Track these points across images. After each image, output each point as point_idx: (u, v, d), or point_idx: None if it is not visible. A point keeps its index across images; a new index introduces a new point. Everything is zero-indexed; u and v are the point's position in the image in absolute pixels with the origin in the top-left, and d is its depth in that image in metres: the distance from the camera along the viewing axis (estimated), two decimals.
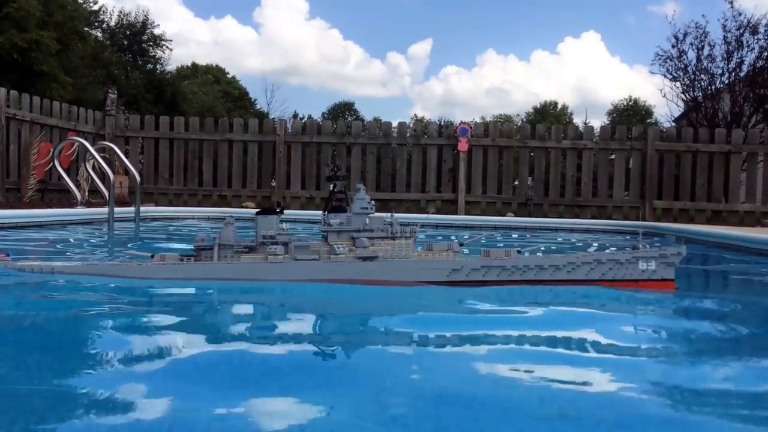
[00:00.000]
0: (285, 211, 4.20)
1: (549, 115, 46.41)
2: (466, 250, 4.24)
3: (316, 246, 3.94)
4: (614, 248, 6.90)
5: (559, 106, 51.28)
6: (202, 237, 4.02)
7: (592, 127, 14.08)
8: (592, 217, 12.88)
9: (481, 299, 3.75)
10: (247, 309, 3.58)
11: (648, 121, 39.08)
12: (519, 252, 4.03)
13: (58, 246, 6.49)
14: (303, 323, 3.24)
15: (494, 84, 75.53)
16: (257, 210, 4.07)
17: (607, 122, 41.10)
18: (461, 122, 13.92)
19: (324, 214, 4.01)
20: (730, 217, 12.75)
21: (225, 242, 3.94)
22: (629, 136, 13.35)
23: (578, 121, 45.94)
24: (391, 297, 3.81)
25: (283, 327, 3.17)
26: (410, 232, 4.00)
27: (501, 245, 5.55)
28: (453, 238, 5.36)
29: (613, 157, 13.60)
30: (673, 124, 19.92)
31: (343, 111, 46.50)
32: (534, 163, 13.53)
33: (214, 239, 3.95)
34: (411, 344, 2.83)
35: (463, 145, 13.20)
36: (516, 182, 13.85)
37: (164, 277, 3.90)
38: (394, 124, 13.93)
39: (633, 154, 13.33)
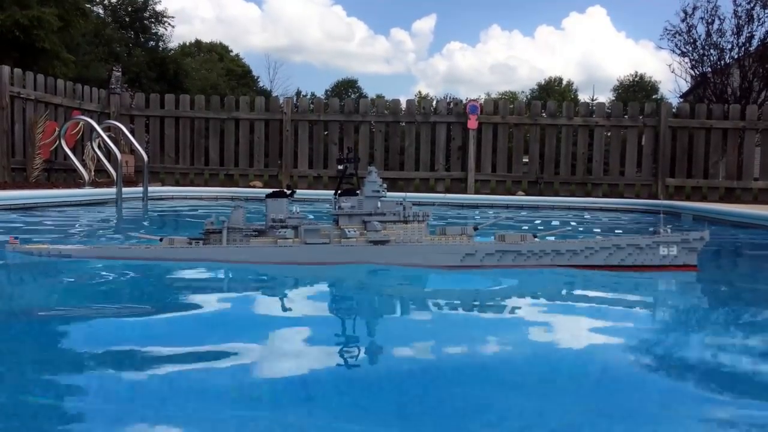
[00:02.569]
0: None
1: (554, 92, 46.04)
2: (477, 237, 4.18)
3: (327, 230, 3.88)
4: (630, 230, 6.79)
5: (564, 83, 50.90)
6: (211, 220, 3.98)
7: (603, 104, 13.85)
8: (604, 196, 12.75)
9: (496, 279, 3.70)
10: (255, 293, 3.53)
11: (654, 97, 38.75)
12: (535, 236, 3.95)
13: (68, 227, 6.40)
14: (312, 305, 3.20)
15: (499, 60, 75.12)
16: (267, 193, 4.00)
17: (613, 98, 40.72)
18: (470, 99, 13.70)
19: (335, 197, 3.93)
20: (744, 195, 12.60)
21: (234, 225, 3.90)
22: (642, 113, 13.15)
23: (584, 97, 45.58)
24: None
25: (291, 310, 3.11)
26: (423, 216, 3.93)
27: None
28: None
29: (625, 132, 13.39)
30: (681, 100, 19.70)
31: (346, 88, 46.15)
32: (545, 140, 13.35)
33: (223, 222, 3.90)
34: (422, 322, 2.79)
35: (472, 123, 13.02)
36: (526, 160, 13.68)
37: (173, 260, 3.86)
38: (403, 101, 13.75)
39: (646, 131, 13.14)
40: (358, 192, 3.94)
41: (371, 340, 2.60)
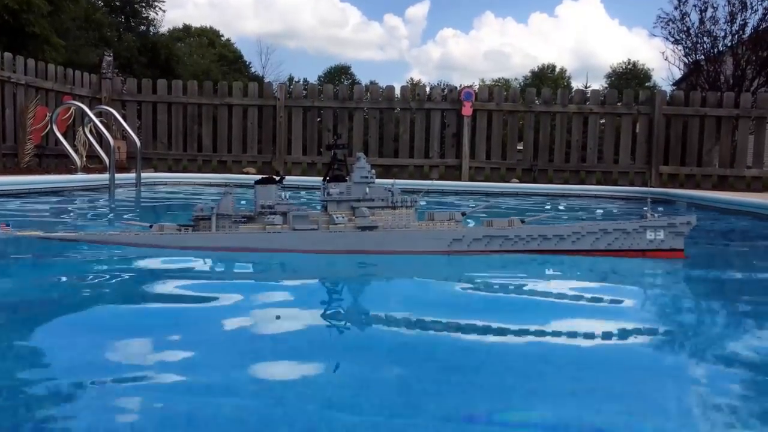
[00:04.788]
0: (286, 178, 4.14)
1: (547, 79, 45.96)
2: (470, 221, 4.17)
3: (316, 216, 3.90)
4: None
5: (557, 70, 50.78)
6: (200, 207, 4.00)
7: (598, 91, 13.84)
8: (598, 183, 12.77)
9: (483, 268, 3.70)
10: (244, 279, 3.53)
11: (647, 84, 38.75)
12: (522, 221, 3.96)
13: (60, 215, 6.34)
14: (299, 292, 3.18)
15: (492, 47, 74.91)
16: (256, 179, 4.01)
17: (606, 86, 40.70)
18: (464, 86, 13.64)
19: (324, 184, 3.95)
20: (737, 183, 12.65)
21: (223, 212, 3.92)
22: (636, 101, 13.14)
23: (577, 84, 45.53)
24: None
25: (279, 296, 3.10)
26: (411, 202, 3.95)
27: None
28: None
29: (619, 119, 13.37)
30: (674, 87, 19.70)
31: (339, 75, 45.88)
32: (539, 128, 13.33)
33: (212, 209, 3.91)
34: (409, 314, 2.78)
35: (467, 110, 12.98)
36: (520, 147, 13.67)
37: (162, 246, 3.85)
38: (397, 88, 13.68)
39: (640, 119, 13.14)
40: (347, 178, 3.94)
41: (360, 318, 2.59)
